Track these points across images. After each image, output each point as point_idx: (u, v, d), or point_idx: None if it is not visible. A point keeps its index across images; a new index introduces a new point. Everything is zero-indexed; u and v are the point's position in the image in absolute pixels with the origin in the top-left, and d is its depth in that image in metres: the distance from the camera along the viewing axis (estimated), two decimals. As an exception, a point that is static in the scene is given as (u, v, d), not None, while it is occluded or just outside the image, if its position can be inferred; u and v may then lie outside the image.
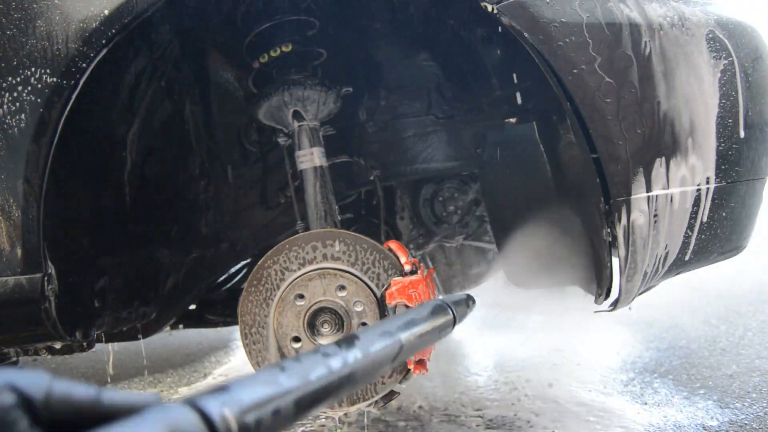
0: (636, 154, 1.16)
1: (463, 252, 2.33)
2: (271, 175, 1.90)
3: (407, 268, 1.24)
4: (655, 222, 1.19)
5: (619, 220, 1.17)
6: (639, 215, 1.17)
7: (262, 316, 1.29)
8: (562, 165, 1.63)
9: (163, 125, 1.65)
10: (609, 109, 1.15)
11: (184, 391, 2.58)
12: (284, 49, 1.54)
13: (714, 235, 1.31)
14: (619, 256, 1.21)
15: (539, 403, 2.03)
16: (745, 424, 1.72)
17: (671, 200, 1.20)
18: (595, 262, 1.40)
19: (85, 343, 1.38)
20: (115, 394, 0.49)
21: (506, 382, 2.32)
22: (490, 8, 1.16)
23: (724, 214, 1.30)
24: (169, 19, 1.48)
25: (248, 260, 2.04)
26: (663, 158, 1.18)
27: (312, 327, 1.25)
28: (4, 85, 1.14)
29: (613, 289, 1.33)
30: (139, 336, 1.77)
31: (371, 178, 1.88)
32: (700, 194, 1.24)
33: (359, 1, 1.68)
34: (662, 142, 1.18)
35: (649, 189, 1.17)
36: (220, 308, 2.10)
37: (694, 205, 1.24)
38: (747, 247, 1.49)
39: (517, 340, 3.06)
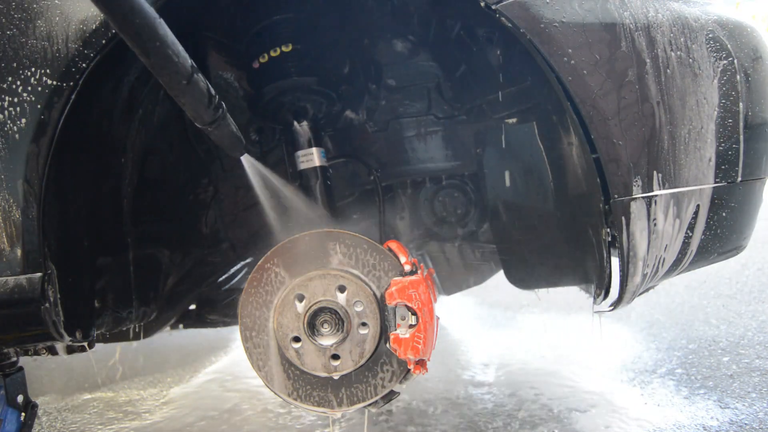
0: (636, 154, 1.16)
1: (463, 252, 2.33)
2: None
3: (407, 268, 1.24)
4: (655, 222, 1.19)
5: (619, 220, 1.17)
6: (639, 216, 1.17)
7: (262, 317, 1.29)
8: (562, 165, 1.63)
9: (163, 125, 1.65)
10: (609, 109, 1.15)
11: (183, 390, 2.58)
12: (284, 49, 1.54)
13: (714, 235, 1.31)
14: (619, 257, 1.21)
15: (539, 404, 2.03)
16: (745, 424, 1.73)
17: (671, 201, 1.20)
18: (595, 263, 1.40)
19: (85, 343, 1.38)
20: None
21: (505, 382, 2.32)
22: (489, 8, 1.16)
23: (724, 214, 1.30)
24: (169, 19, 1.48)
25: (248, 260, 2.04)
26: (663, 159, 1.18)
27: (312, 327, 1.25)
28: (4, 86, 1.14)
29: (612, 290, 1.33)
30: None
31: (371, 178, 1.88)
32: (700, 194, 1.24)
33: (359, 1, 1.68)
34: (662, 142, 1.18)
35: (649, 189, 1.17)
36: (220, 308, 2.10)
37: (694, 206, 1.24)
38: (747, 246, 1.49)
39: (516, 340, 3.06)
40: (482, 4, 1.16)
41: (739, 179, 1.28)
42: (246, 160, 1.31)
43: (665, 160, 1.18)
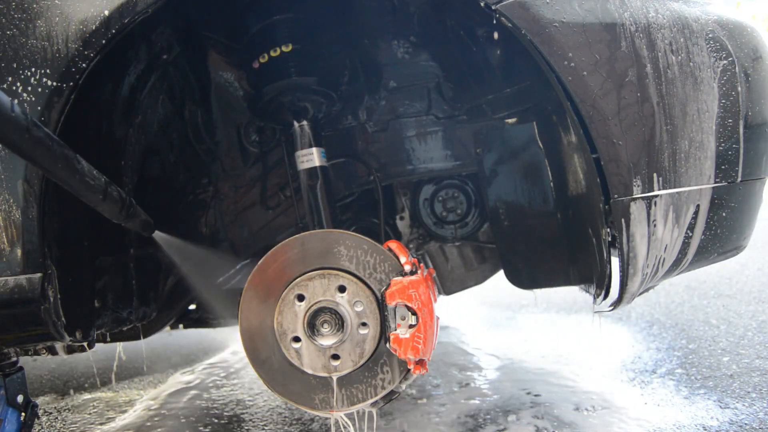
0: (636, 154, 1.16)
1: (463, 252, 2.33)
2: (271, 175, 1.90)
3: (407, 268, 1.24)
4: (655, 223, 1.19)
5: (619, 220, 1.17)
6: (639, 216, 1.17)
7: (262, 317, 1.29)
8: (562, 165, 1.63)
9: (163, 125, 1.65)
10: (609, 109, 1.15)
11: (178, 389, 2.58)
12: (284, 49, 1.54)
13: (714, 235, 1.31)
14: (618, 257, 1.21)
15: (538, 404, 2.03)
16: (745, 424, 1.72)
17: (671, 201, 1.20)
18: (595, 263, 1.40)
19: (85, 343, 1.38)
20: None
21: (505, 381, 2.32)
22: (489, 8, 1.16)
23: (724, 214, 1.30)
24: (169, 20, 1.48)
25: (248, 260, 2.04)
26: (663, 159, 1.18)
27: (312, 327, 1.25)
28: (4, 86, 1.14)
29: (612, 289, 1.33)
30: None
31: (371, 178, 1.88)
32: (700, 194, 1.24)
33: (360, 1, 1.68)
34: (662, 142, 1.18)
35: (649, 189, 1.17)
36: (220, 308, 2.10)
37: (694, 205, 1.24)
38: (747, 246, 1.49)
39: (516, 340, 3.06)
40: (482, 4, 1.16)
41: (739, 179, 1.28)
42: (157, 236, 1.50)
43: (665, 160, 1.18)
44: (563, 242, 1.74)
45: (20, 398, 1.43)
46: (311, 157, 1.60)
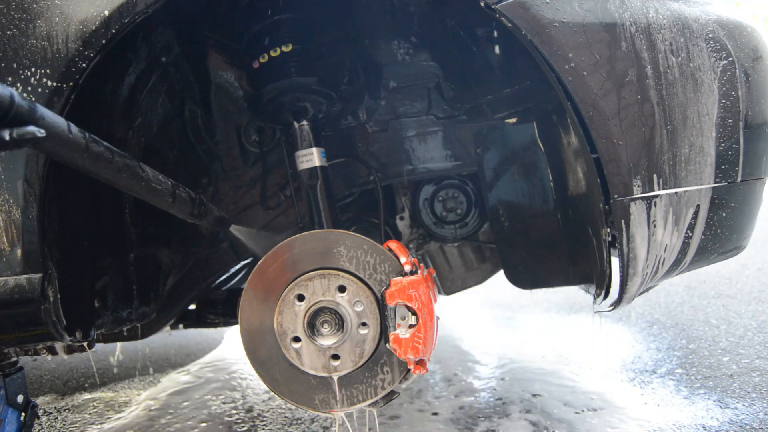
0: (636, 154, 1.16)
1: (463, 252, 2.33)
2: (271, 175, 1.90)
3: (407, 268, 1.24)
4: (655, 223, 1.19)
5: (619, 220, 1.17)
6: (639, 216, 1.17)
7: (262, 317, 1.29)
8: (561, 165, 1.63)
9: (163, 125, 1.65)
10: (609, 109, 1.15)
11: (177, 389, 2.58)
12: (284, 49, 1.54)
13: (714, 235, 1.31)
14: (618, 257, 1.21)
15: (538, 404, 2.03)
16: (745, 424, 1.73)
17: (671, 200, 1.20)
18: (595, 263, 1.40)
19: (85, 343, 1.38)
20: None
21: (505, 381, 2.32)
22: (489, 8, 1.16)
23: (724, 214, 1.30)
24: (169, 20, 1.48)
25: (248, 260, 2.04)
26: (663, 159, 1.18)
27: (312, 327, 1.25)
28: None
29: (612, 289, 1.33)
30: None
31: (371, 178, 1.88)
32: (700, 195, 1.24)
33: (359, 1, 1.68)
34: (662, 142, 1.18)
35: (649, 189, 1.17)
36: (220, 308, 2.10)
37: (694, 206, 1.24)
38: (747, 246, 1.49)
39: (516, 340, 3.06)
40: (482, 4, 1.16)
41: (739, 179, 1.28)
42: (234, 229, 1.59)
43: (665, 160, 1.18)
44: (563, 242, 1.74)
45: (20, 398, 1.43)
46: (311, 157, 1.60)
